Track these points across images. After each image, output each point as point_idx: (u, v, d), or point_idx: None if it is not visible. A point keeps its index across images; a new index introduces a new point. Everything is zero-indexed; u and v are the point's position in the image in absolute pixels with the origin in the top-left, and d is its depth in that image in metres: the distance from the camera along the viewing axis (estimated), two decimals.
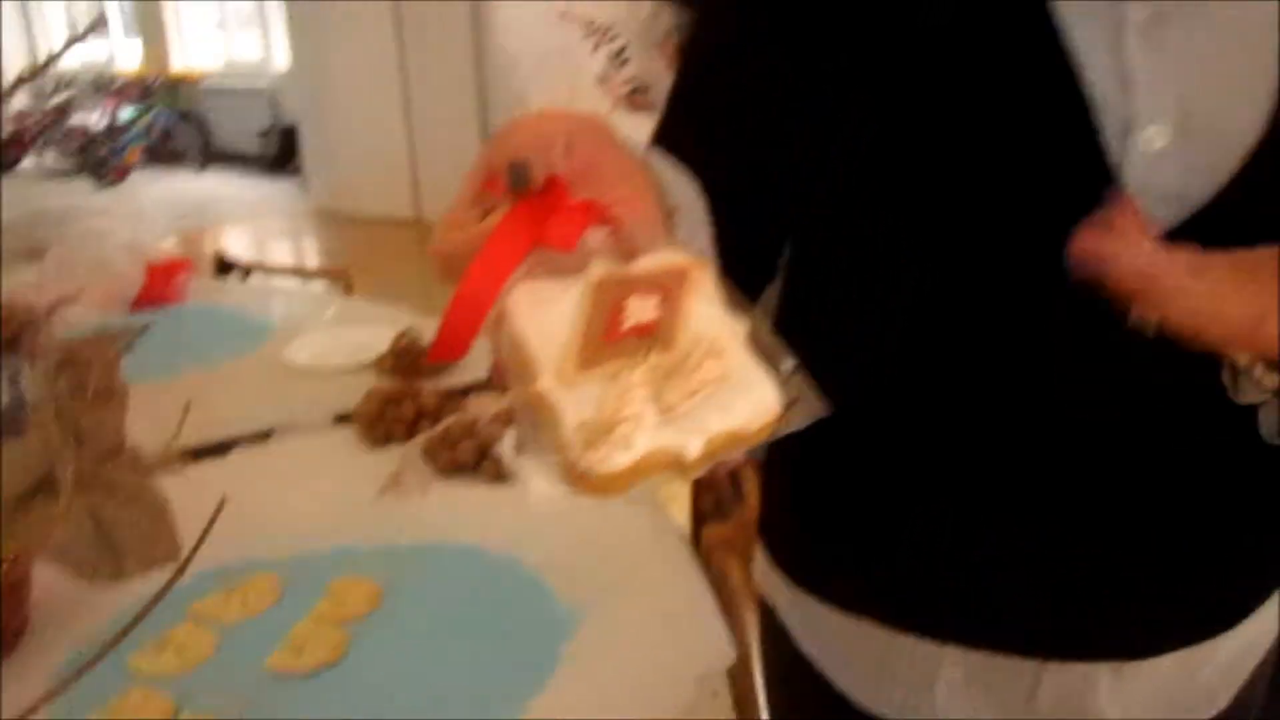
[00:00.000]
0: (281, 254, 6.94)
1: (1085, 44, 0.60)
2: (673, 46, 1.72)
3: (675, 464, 0.44)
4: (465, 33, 6.10)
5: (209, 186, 8.71)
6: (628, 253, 0.47)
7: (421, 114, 6.72)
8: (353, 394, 1.54)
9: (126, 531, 0.68)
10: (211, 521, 0.63)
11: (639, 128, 1.57)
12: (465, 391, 1.59)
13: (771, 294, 0.78)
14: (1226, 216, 0.60)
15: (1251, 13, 0.60)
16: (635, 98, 1.74)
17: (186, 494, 1.08)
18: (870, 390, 0.70)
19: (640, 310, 0.45)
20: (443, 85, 6.40)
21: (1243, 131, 0.59)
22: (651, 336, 0.45)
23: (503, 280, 0.45)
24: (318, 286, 2.72)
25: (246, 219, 7.51)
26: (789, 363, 0.47)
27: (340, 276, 2.48)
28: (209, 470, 1.41)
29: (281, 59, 8.67)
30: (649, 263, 0.47)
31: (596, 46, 1.75)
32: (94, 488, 0.66)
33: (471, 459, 1.32)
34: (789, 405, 0.46)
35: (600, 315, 0.44)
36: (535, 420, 0.44)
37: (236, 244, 6.94)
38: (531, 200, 0.47)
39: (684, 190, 0.63)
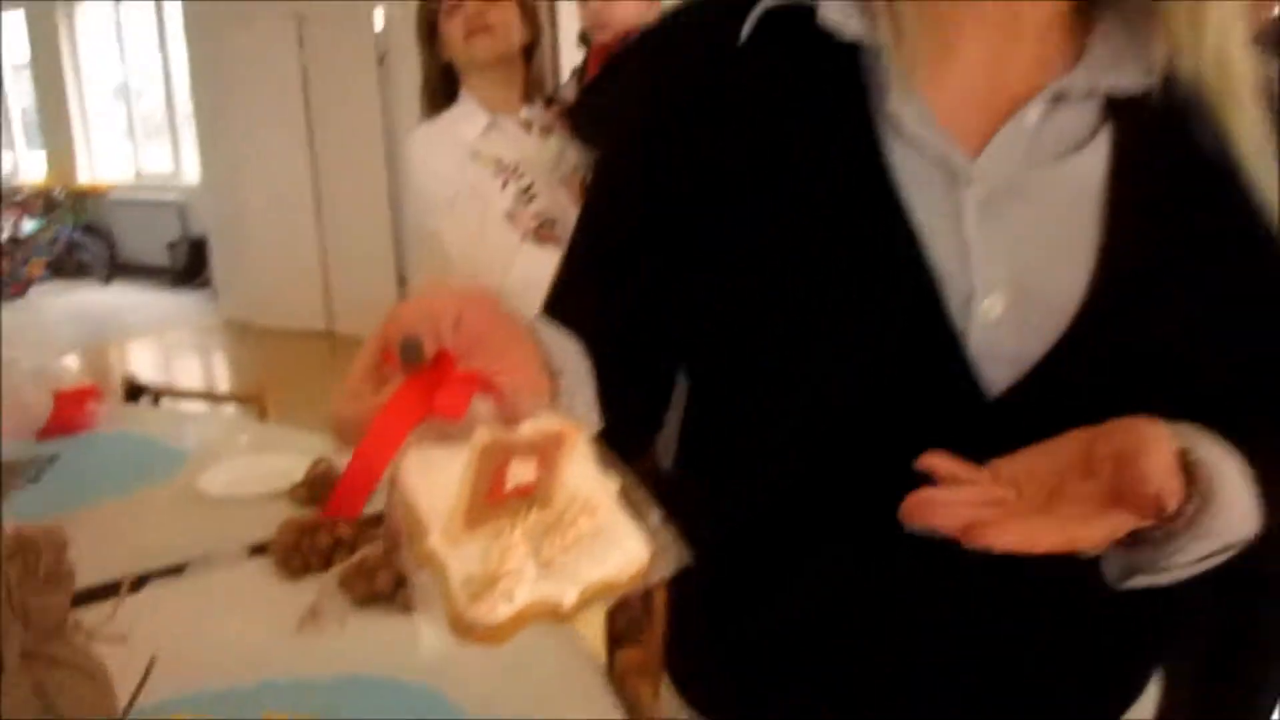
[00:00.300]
0: (190, 368, 6.84)
1: (928, 223, 0.66)
2: (578, 183, 1.82)
3: (553, 613, 0.49)
4: (378, 148, 6.20)
5: (115, 299, 8.57)
6: (510, 419, 0.53)
7: (334, 227, 6.76)
8: (268, 523, 1.54)
9: (68, 699, 0.69)
10: (143, 681, 0.66)
11: (547, 260, 1.67)
12: (379, 520, 1.62)
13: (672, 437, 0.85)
14: (1058, 374, 0.66)
15: (1074, 193, 0.67)
16: (543, 231, 1.83)
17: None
18: (755, 532, 0.77)
19: (521, 472, 0.50)
20: (356, 197, 6.47)
21: (1069, 298, 0.65)
22: (531, 496, 0.50)
23: (394, 448, 0.51)
24: (231, 410, 2.72)
25: (154, 332, 7.39)
26: (656, 516, 0.53)
27: (254, 400, 2.48)
28: (123, 606, 1.41)
29: (192, 171, 8.66)
30: (529, 428, 0.52)
31: (505, 184, 1.84)
32: (38, 661, 0.67)
33: (389, 588, 1.34)
34: (656, 556, 0.52)
35: (484, 478, 0.50)
36: (426, 578, 0.49)
37: (144, 358, 6.83)
38: (422, 373, 0.52)
39: (569, 354, 0.68)
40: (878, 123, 0.67)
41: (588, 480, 0.52)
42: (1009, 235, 0.66)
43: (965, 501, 0.57)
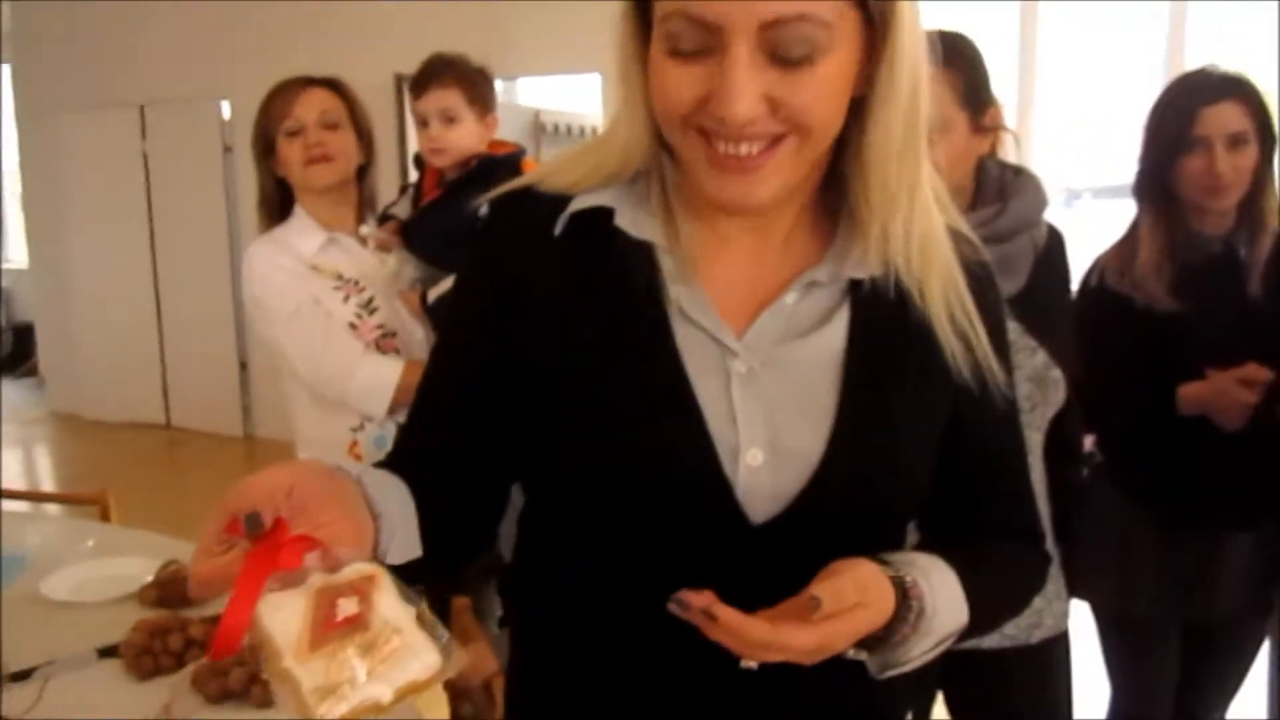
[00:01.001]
0: (13, 462, 6.53)
1: (704, 390, 0.82)
2: (416, 297, 1.96)
3: (376, 708, 0.65)
4: (222, 237, 6.15)
5: None
6: (332, 567, 0.69)
7: (174, 315, 6.62)
8: (117, 627, 1.58)
9: None
10: None
11: (390, 368, 1.78)
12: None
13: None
14: (808, 508, 0.82)
15: (819, 361, 0.84)
16: (385, 342, 1.94)
17: None
18: (573, 625, 0.90)
19: (347, 606, 0.67)
20: (198, 286, 6.35)
21: (814, 448, 0.82)
22: (355, 623, 0.67)
23: (254, 600, 0.66)
24: (63, 510, 2.68)
25: None
26: (444, 633, 0.70)
27: (96, 502, 2.48)
28: None
29: (18, 254, 8.34)
30: (349, 572, 0.69)
31: (347, 297, 1.95)
32: None
33: (241, 686, 1.40)
34: (446, 662, 0.68)
35: (320, 612, 0.67)
36: (283, 688, 0.65)
37: None
38: (265, 537, 0.68)
39: (391, 498, 0.79)
40: (666, 305, 0.84)
41: (394, 609, 0.69)
42: (767, 399, 0.83)
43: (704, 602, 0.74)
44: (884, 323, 0.86)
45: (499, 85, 2.12)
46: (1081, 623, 1.94)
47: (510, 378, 0.87)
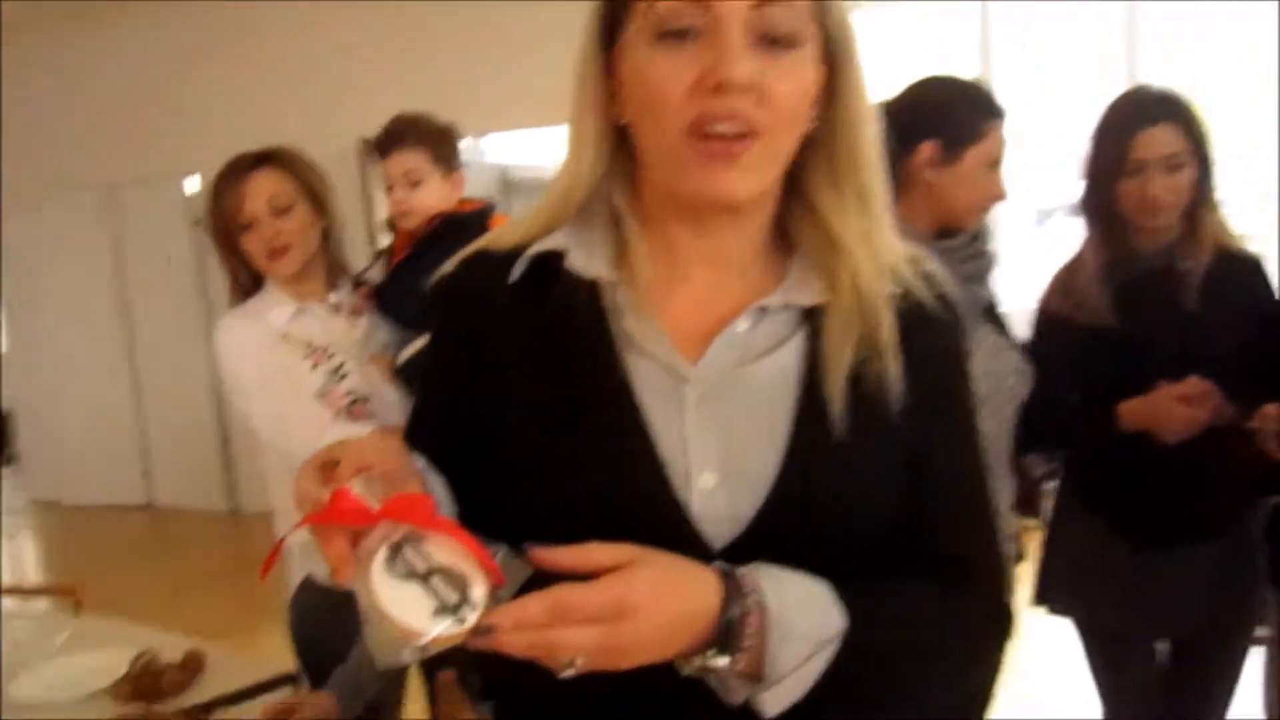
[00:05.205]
0: None
1: (656, 417, 0.83)
2: (387, 361, 1.92)
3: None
4: (197, 312, 6.11)
5: None
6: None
7: (153, 396, 6.57)
8: None
9: None
10: None
11: (358, 435, 1.72)
12: (209, 708, 1.63)
13: None
14: (765, 530, 0.81)
15: (773, 385, 0.85)
16: (355, 408, 1.90)
17: None
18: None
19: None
20: (175, 364, 6.30)
21: (768, 470, 0.82)
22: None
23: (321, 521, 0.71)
24: (43, 605, 2.62)
25: None
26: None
27: (68, 594, 2.41)
28: None
29: None
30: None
31: (316, 365, 1.91)
32: None
33: None
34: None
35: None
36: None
37: None
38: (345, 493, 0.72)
39: (440, 487, 0.83)
40: (617, 338, 0.85)
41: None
42: (719, 423, 0.83)
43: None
44: (838, 347, 0.85)
45: (467, 143, 2.10)
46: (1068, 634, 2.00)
47: (471, 434, 0.87)
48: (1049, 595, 1.99)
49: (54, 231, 6.61)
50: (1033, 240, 5.27)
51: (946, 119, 1.67)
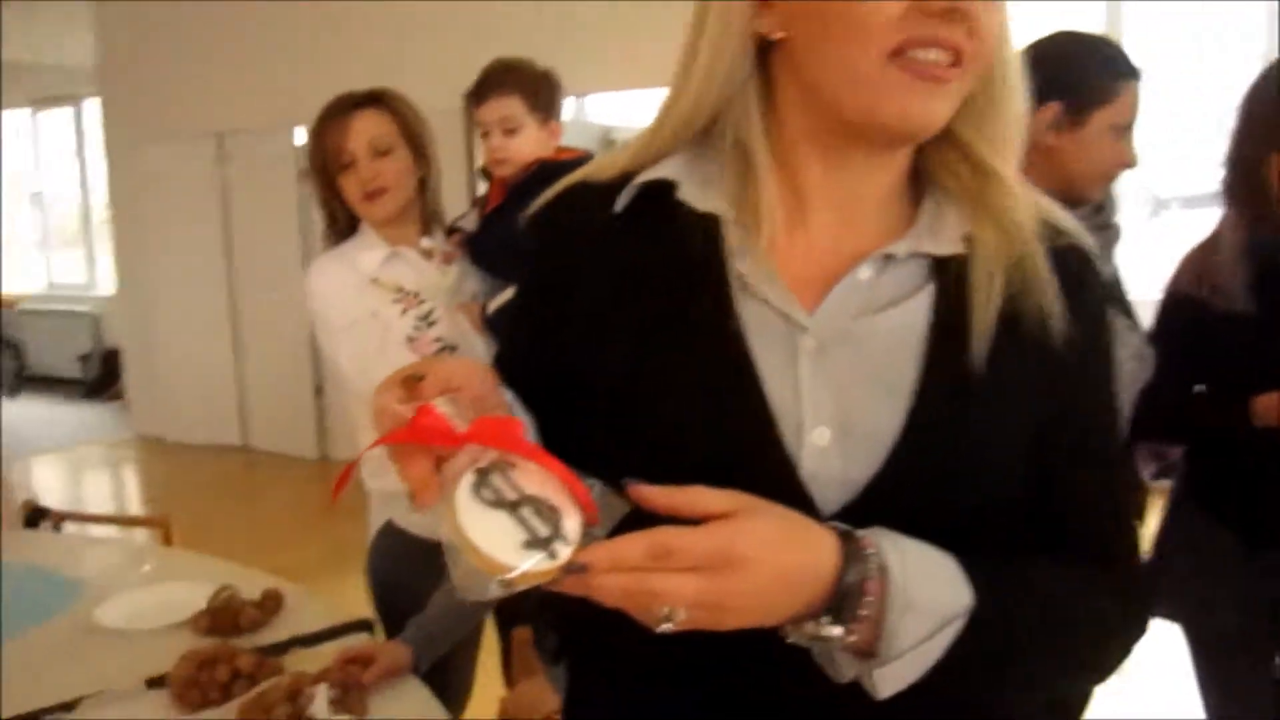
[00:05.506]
0: (101, 484, 6.68)
1: (767, 365, 0.76)
2: (477, 309, 1.89)
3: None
4: (296, 262, 6.20)
5: (23, 413, 8.35)
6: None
7: (251, 340, 6.71)
8: (168, 655, 1.54)
9: None
10: None
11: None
12: (284, 648, 1.63)
13: None
14: (882, 496, 0.74)
15: (897, 339, 0.78)
16: (443, 356, 1.89)
17: None
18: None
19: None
20: (273, 310, 6.41)
21: (888, 430, 0.75)
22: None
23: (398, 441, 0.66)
24: (136, 535, 2.68)
25: (63, 447, 7.21)
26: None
27: (159, 525, 2.46)
28: None
29: (106, 282, 8.57)
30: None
31: (405, 310, 1.90)
32: None
33: None
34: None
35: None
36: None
37: (52, 474, 6.66)
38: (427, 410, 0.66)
39: (529, 421, 0.78)
40: (730, 279, 0.78)
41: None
42: (837, 375, 0.77)
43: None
44: (970, 302, 0.78)
45: (569, 103, 2.04)
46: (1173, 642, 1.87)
47: (566, 374, 0.81)
48: (1157, 598, 1.88)
49: (164, 177, 6.77)
50: (1147, 232, 5.03)
51: (1072, 79, 1.56)
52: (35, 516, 2.58)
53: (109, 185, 7.47)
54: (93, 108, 8.15)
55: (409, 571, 1.83)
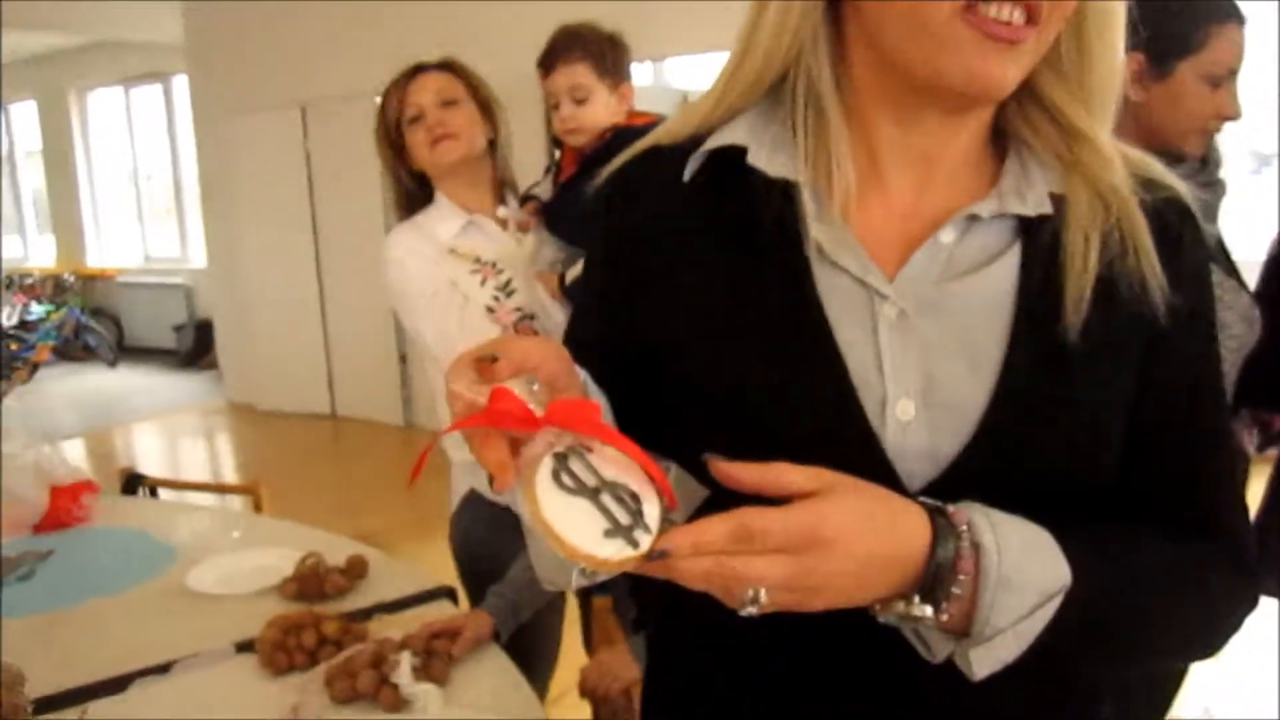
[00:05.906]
0: (196, 451, 6.90)
1: (847, 335, 0.73)
2: (555, 279, 1.87)
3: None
4: (380, 232, 6.29)
5: (121, 382, 8.67)
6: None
7: (337, 310, 6.84)
8: (257, 619, 1.58)
9: None
10: None
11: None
12: (369, 614, 1.65)
13: None
14: (971, 471, 0.70)
15: (983, 304, 0.74)
16: (522, 326, 1.87)
17: None
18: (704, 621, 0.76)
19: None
20: (358, 281, 6.52)
21: (975, 402, 0.71)
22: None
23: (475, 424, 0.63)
24: (230, 501, 2.75)
25: (160, 415, 7.47)
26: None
27: (250, 491, 2.52)
28: (106, 708, 1.44)
29: (198, 254, 8.81)
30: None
31: (484, 280, 1.90)
32: None
33: (371, 689, 1.36)
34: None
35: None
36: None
37: (149, 441, 6.90)
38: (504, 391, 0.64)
39: (604, 402, 0.75)
40: (806, 246, 0.74)
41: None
42: (920, 345, 0.73)
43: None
44: (1061, 265, 0.73)
45: (648, 68, 2.01)
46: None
47: (639, 347, 0.79)
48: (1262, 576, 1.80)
49: (250, 149, 6.91)
50: (1249, 188, 4.81)
51: (1152, 28, 1.47)
52: (133, 483, 2.66)
53: (198, 159, 7.65)
54: (180, 84, 8.34)
55: (492, 539, 1.84)
